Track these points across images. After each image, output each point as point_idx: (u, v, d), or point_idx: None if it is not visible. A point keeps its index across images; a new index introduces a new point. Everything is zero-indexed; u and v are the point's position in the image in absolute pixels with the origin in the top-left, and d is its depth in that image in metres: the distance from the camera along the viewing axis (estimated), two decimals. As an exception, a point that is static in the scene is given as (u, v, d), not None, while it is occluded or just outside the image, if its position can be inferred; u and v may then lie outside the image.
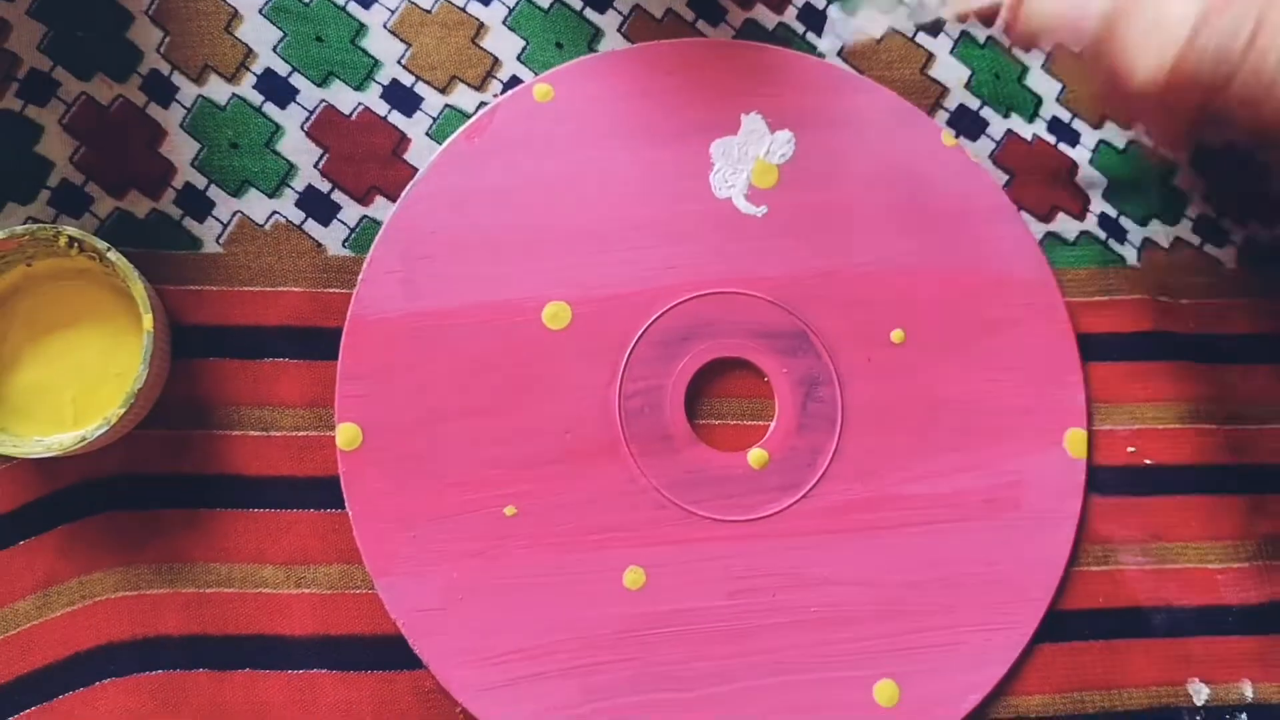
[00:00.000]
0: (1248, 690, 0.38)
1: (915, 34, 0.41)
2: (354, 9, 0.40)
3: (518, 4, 0.40)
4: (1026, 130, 0.41)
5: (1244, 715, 0.38)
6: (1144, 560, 0.39)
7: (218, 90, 0.39)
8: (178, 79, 0.39)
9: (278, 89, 0.39)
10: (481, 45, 0.40)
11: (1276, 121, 0.26)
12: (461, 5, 0.40)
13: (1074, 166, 0.41)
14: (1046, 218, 0.41)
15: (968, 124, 0.41)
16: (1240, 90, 0.26)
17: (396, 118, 0.40)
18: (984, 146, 0.41)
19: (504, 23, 0.40)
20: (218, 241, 0.39)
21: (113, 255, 0.35)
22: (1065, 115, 0.41)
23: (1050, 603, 0.38)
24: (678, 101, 0.40)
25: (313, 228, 0.39)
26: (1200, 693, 0.38)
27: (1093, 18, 0.28)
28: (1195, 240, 0.41)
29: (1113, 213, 0.41)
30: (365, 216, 0.39)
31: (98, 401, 0.37)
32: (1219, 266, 0.41)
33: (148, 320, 0.35)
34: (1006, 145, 0.41)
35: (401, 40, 0.40)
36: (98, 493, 0.37)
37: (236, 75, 0.39)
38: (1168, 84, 0.27)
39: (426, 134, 0.40)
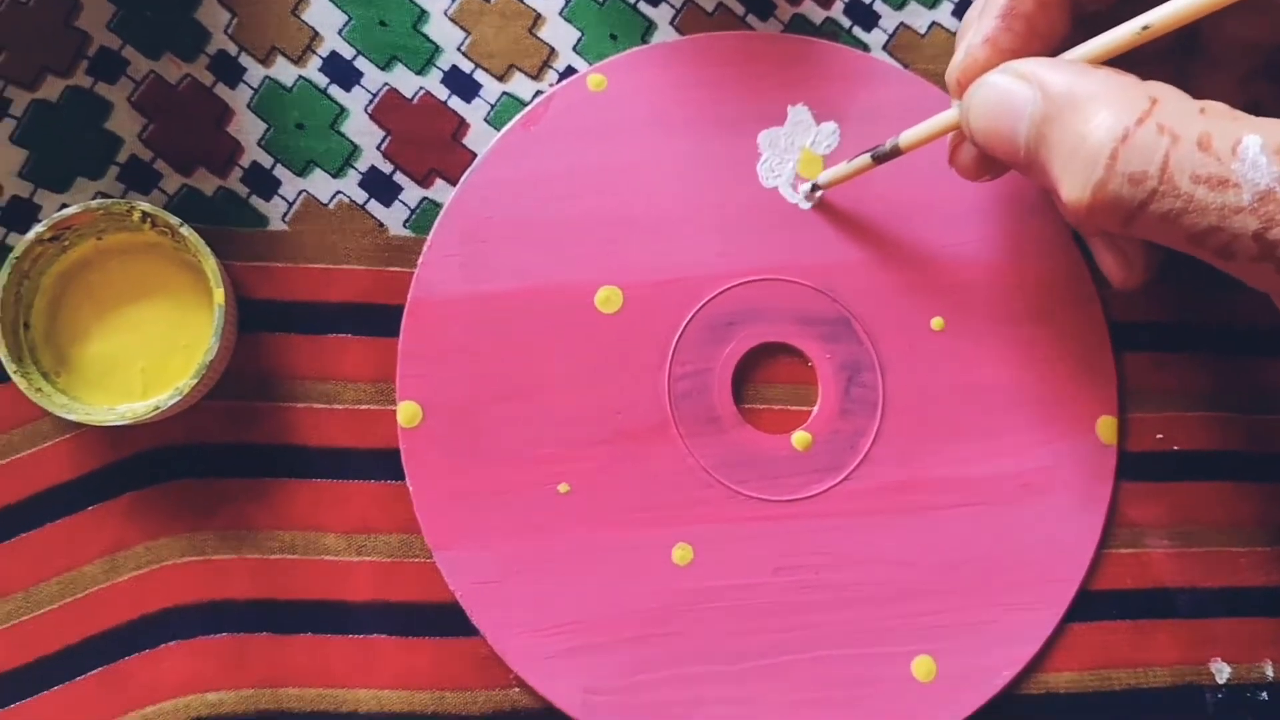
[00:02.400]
0: (1269, 670, 0.40)
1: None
2: (415, -5, 0.41)
3: (574, -6, 0.42)
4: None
5: (1264, 694, 0.40)
6: (1170, 543, 0.40)
7: (284, 72, 0.40)
8: (245, 60, 0.40)
9: (342, 72, 0.40)
10: (538, 35, 0.41)
11: (1192, 238, 0.28)
12: (520, -5, 0.41)
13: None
14: (1082, 212, 0.42)
15: (1007, 120, 0.42)
16: (1158, 209, 0.27)
17: (456, 103, 0.41)
18: (1023, 142, 0.42)
19: (560, 14, 0.41)
20: (283, 219, 0.40)
21: (185, 230, 0.37)
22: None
23: (1080, 584, 0.40)
24: (727, 92, 0.41)
25: (375, 208, 0.40)
26: (1222, 672, 0.40)
27: (1025, 127, 0.30)
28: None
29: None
30: (425, 198, 0.40)
31: (167, 373, 0.38)
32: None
33: (219, 294, 0.36)
34: (1045, 141, 0.42)
35: (461, 28, 0.41)
36: (165, 461, 0.38)
37: (303, 58, 0.40)
38: (1090, 206, 0.28)
39: (485, 120, 0.41)
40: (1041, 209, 0.41)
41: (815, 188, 0.40)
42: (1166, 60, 0.35)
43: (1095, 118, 0.28)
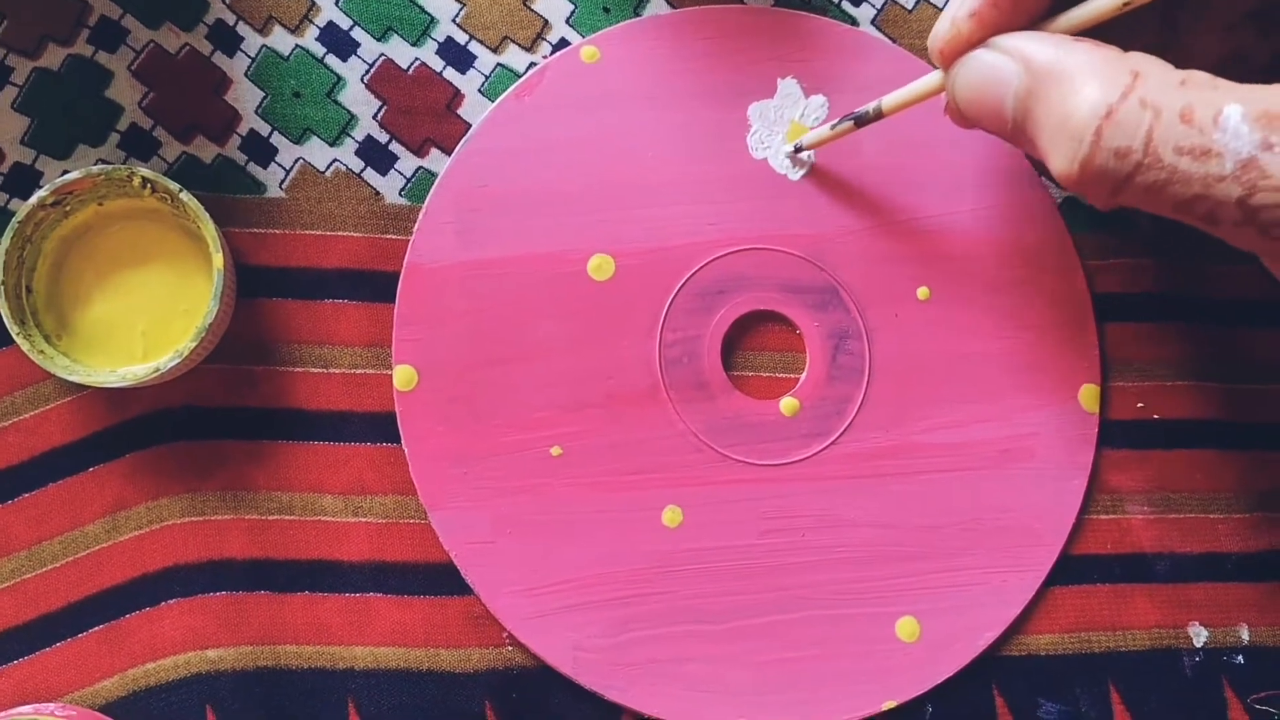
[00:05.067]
0: (1244, 634, 0.41)
1: (946, 4, 0.43)
2: (412, -33, 0.42)
3: (568, -33, 0.42)
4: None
5: (1240, 657, 0.40)
6: (1150, 510, 0.41)
7: (281, 41, 0.41)
8: (243, 29, 0.41)
9: (339, 41, 0.41)
10: (532, 8, 0.42)
11: (1178, 206, 0.29)
12: (514, -33, 0.42)
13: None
14: (1066, 184, 0.43)
15: (994, 93, 0.43)
16: (1143, 180, 0.28)
17: (451, 74, 0.41)
18: (1008, 115, 0.43)
19: (555, -15, 0.42)
20: (280, 187, 0.41)
21: (184, 196, 0.37)
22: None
23: (1062, 548, 0.41)
24: (717, 65, 0.42)
25: (371, 176, 0.41)
26: (1200, 635, 0.41)
27: (1010, 102, 0.31)
28: (1206, 209, 0.43)
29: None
30: (421, 167, 0.41)
31: (167, 336, 0.38)
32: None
33: (218, 259, 0.37)
34: (1030, 114, 0.43)
35: (456, 0, 0.42)
36: (165, 423, 0.39)
37: (300, 27, 0.41)
38: (1079, 179, 0.29)
39: (479, 91, 0.41)
40: (1026, 180, 0.42)
41: (798, 149, 0.41)
42: (1152, 8, 0.36)
43: (1079, 94, 0.29)
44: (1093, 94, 0.28)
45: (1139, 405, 0.42)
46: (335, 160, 0.41)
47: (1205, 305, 0.42)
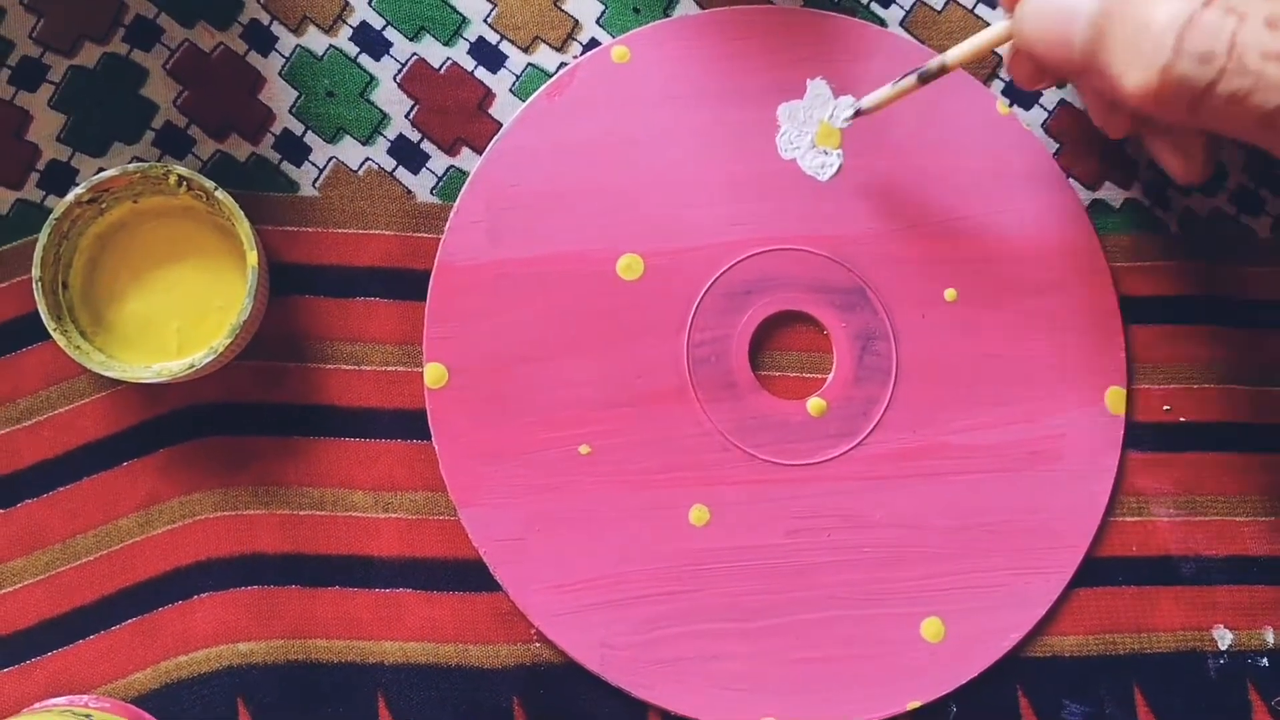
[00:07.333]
0: (1269, 636, 0.41)
1: (975, 6, 0.43)
2: (444, -33, 0.42)
3: (599, -32, 0.42)
4: (1079, 100, 0.43)
5: (1265, 660, 0.41)
6: (1175, 512, 0.41)
7: (315, 41, 0.41)
8: (277, 29, 0.41)
9: (372, 41, 0.41)
10: (563, 8, 0.42)
11: (1263, 119, 0.28)
12: (545, -32, 0.42)
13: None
14: (1094, 185, 0.43)
15: (1022, 94, 0.43)
16: (1226, 88, 0.27)
17: (482, 73, 0.42)
18: (1036, 115, 0.43)
19: (585, -14, 0.42)
20: (314, 185, 0.41)
21: (220, 194, 0.38)
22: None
23: (1087, 550, 0.41)
24: (747, 65, 0.42)
25: (403, 175, 0.41)
26: (1224, 638, 0.41)
27: (1081, 26, 0.30)
28: (1232, 210, 0.43)
29: (1157, 182, 0.43)
30: (452, 166, 0.41)
31: (201, 333, 0.39)
32: (1253, 235, 0.43)
33: (252, 256, 0.37)
34: (1059, 115, 0.43)
35: (488, 0, 0.42)
36: (199, 418, 0.40)
37: (333, 27, 0.41)
38: (1158, 90, 0.28)
39: (510, 90, 0.42)
40: (1054, 182, 0.42)
41: (858, 112, 0.41)
42: None
43: (1160, 4, 0.28)
44: (1173, 3, 0.28)
45: (1165, 408, 0.42)
46: (368, 159, 0.41)
47: (1232, 308, 0.42)
